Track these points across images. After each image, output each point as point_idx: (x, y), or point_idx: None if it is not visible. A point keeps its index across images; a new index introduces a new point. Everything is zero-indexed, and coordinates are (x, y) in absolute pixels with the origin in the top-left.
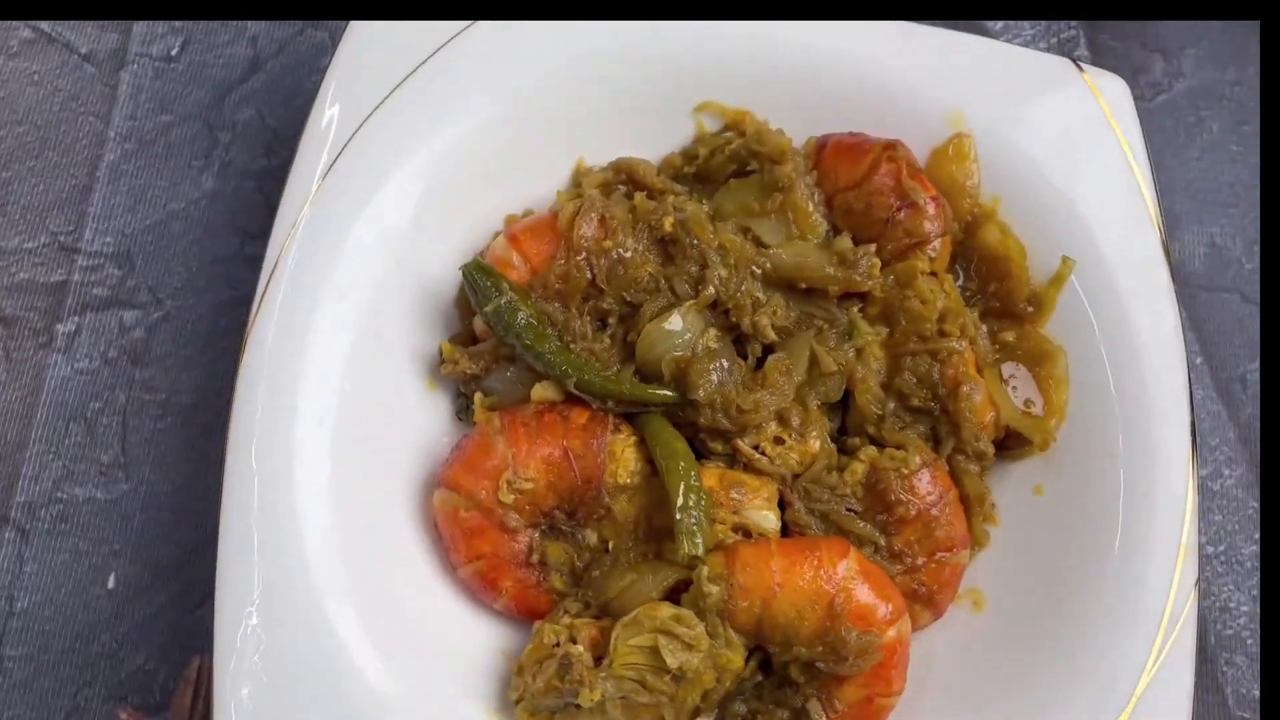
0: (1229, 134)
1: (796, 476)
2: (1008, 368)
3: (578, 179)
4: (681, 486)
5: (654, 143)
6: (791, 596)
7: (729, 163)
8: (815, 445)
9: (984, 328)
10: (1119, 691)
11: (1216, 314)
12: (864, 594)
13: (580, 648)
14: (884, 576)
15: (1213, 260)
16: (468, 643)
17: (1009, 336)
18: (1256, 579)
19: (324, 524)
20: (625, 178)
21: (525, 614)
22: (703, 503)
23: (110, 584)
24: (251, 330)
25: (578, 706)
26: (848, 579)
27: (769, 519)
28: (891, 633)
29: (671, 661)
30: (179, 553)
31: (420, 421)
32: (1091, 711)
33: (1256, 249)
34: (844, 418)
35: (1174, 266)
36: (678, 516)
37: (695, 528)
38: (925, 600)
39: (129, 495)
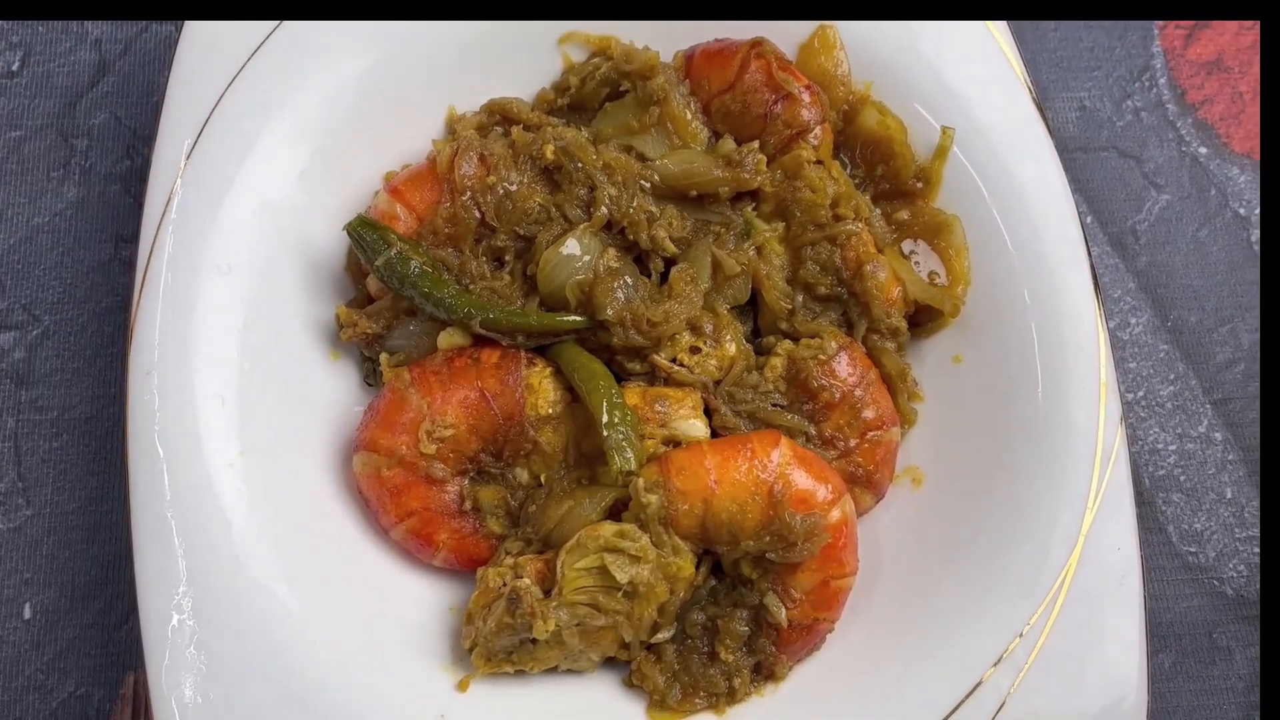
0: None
1: (718, 383)
2: (907, 245)
3: (451, 126)
4: (604, 404)
5: (524, 81)
6: (730, 492)
7: (601, 87)
8: (731, 349)
9: (878, 210)
10: (1065, 533)
11: (1098, 173)
12: (801, 478)
13: (527, 581)
14: (819, 460)
15: (1085, 122)
16: (412, 605)
17: (903, 215)
18: (1179, 419)
19: (242, 505)
20: (500, 118)
21: (467, 564)
22: (628, 418)
23: (27, 614)
24: (134, 321)
25: (534, 642)
26: (783, 466)
27: (697, 427)
28: (835, 513)
29: (621, 576)
30: (96, 569)
31: (328, 393)
32: (1042, 557)
33: (1125, 105)
34: (755, 319)
35: (1051, 129)
36: (604, 434)
37: (624, 443)
38: (864, 481)
39: (33, 520)
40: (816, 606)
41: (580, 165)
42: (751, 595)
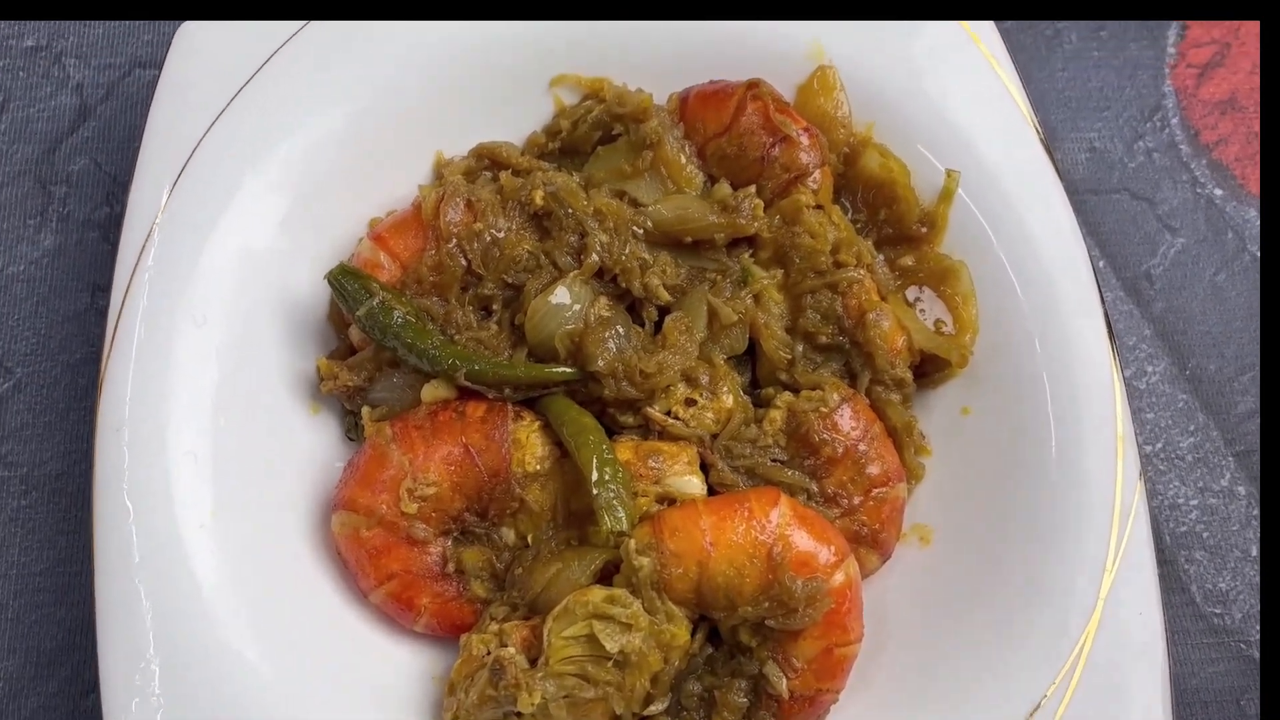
0: (1088, 42)
1: (715, 437)
2: (912, 293)
3: (439, 171)
4: (595, 460)
5: (514, 125)
6: (727, 554)
7: (593, 130)
8: (729, 401)
9: (880, 256)
10: (1083, 597)
11: (1109, 216)
12: (802, 540)
13: (512, 650)
14: (821, 520)
15: (1096, 164)
16: (392, 672)
17: (908, 260)
18: (1201, 472)
19: (213, 568)
20: (489, 162)
21: (449, 630)
22: (620, 475)
23: None
24: (105, 370)
25: (518, 715)
26: (783, 526)
27: (693, 484)
28: (839, 576)
29: (611, 646)
30: (62, 634)
31: (308, 447)
32: (1060, 624)
33: (1137, 146)
34: (754, 370)
35: (1060, 171)
36: (595, 492)
37: (615, 501)
38: (870, 541)
39: None
40: (819, 676)
41: (570, 211)
42: (750, 664)
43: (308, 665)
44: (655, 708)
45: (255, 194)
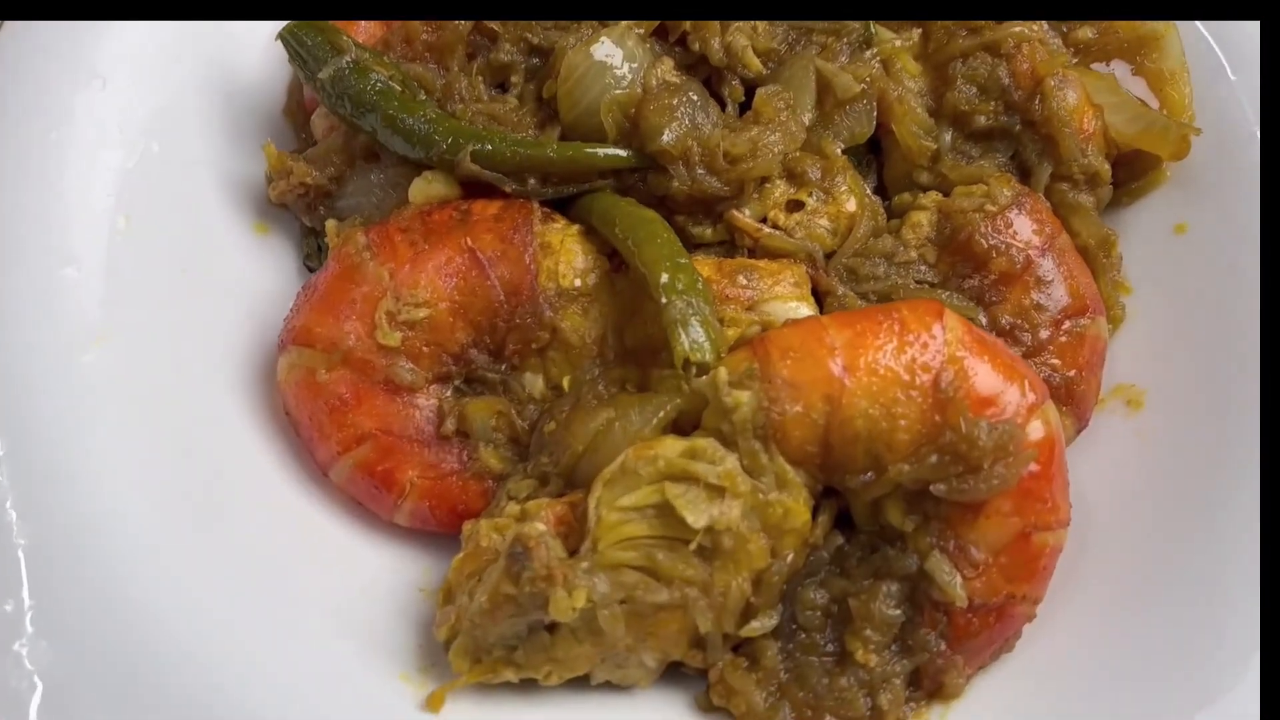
0: None
1: (831, 255)
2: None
3: None
4: (665, 261)
5: None
6: (870, 385)
7: None
8: (850, 204)
9: (1050, 31)
10: None
11: None
12: (983, 368)
13: (541, 527)
14: (1005, 349)
15: None
16: (361, 584)
17: (1087, 33)
18: None
19: (98, 413)
20: None
21: (446, 520)
22: (698, 285)
23: None
24: None
25: (550, 629)
26: (954, 345)
27: (804, 314)
28: (1036, 425)
29: (695, 518)
30: None
31: (250, 278)
32: None
33: None
34: (879, 172)
35: None
36: (663, 302)
37: (693, 318)
38: (1063, 395)
39: None
40: (1010, 575)
41: None
42: (905, 559)
43: (238, 576)
44: (759, 625)
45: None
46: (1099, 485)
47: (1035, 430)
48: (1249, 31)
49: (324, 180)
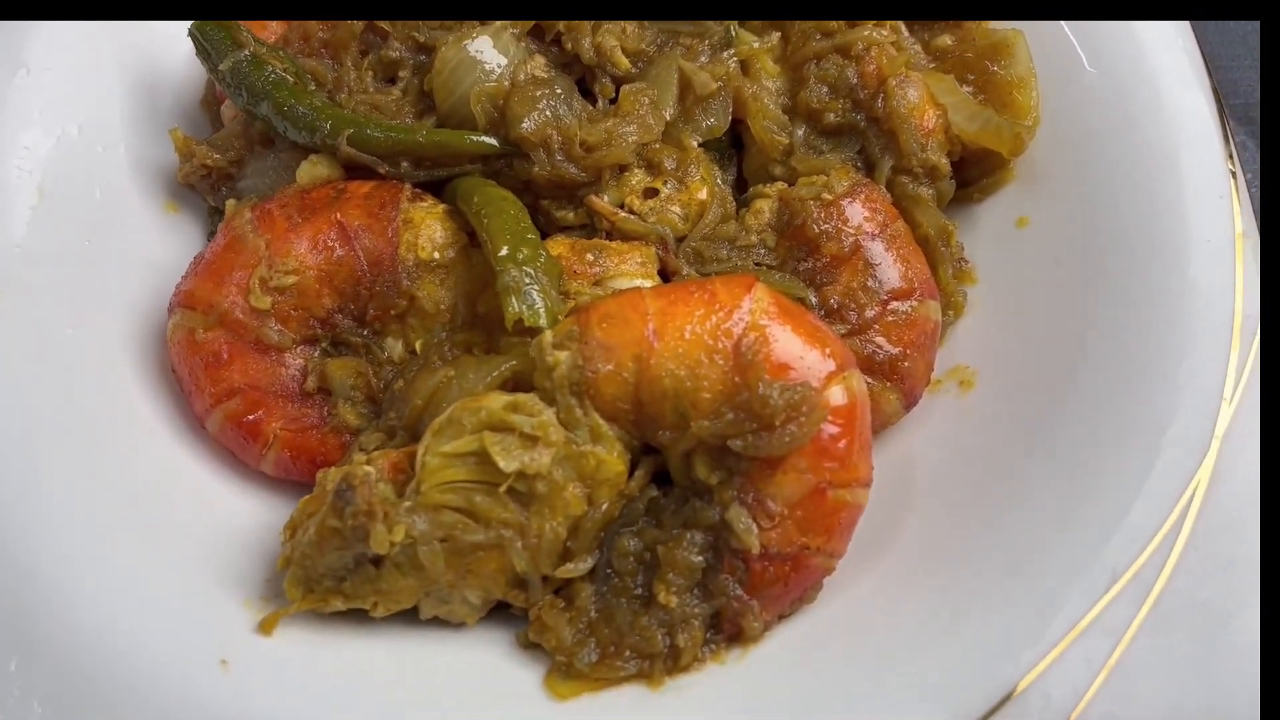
0: None
1: (681, 240)
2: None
3: None
4: (507, 234)
5: None
6: (676, 347)
7: None
8: (702, 192)
9: (910, 38)
10: (1191, 435)
11: (1215, 35)
12: (784, 335)
13: (369, 469)
14: (814, 318)
15: None
16: (222, 523)
17: (946, 40)
18: None
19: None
20: None
21: (306, 468)
22: (541, 259)
23: None
24: None
25: (375, 563)
26: (758, 314)
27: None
28: (837, 391)
29: (507, 464)
30: None
31: (157, 251)
32: (1154, 474)
33: None
34: (739, 166)
35: None
36: (499, 270)
37: (530, 287)
38: (887, 371)
39: None
40: (805, 527)
41: None
42: (709, 510)
43: (109, 509)
44: (574, 567)
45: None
46: (925, 456)
47: (836, 395)
48: (1111, 31)
49: (225, 163)
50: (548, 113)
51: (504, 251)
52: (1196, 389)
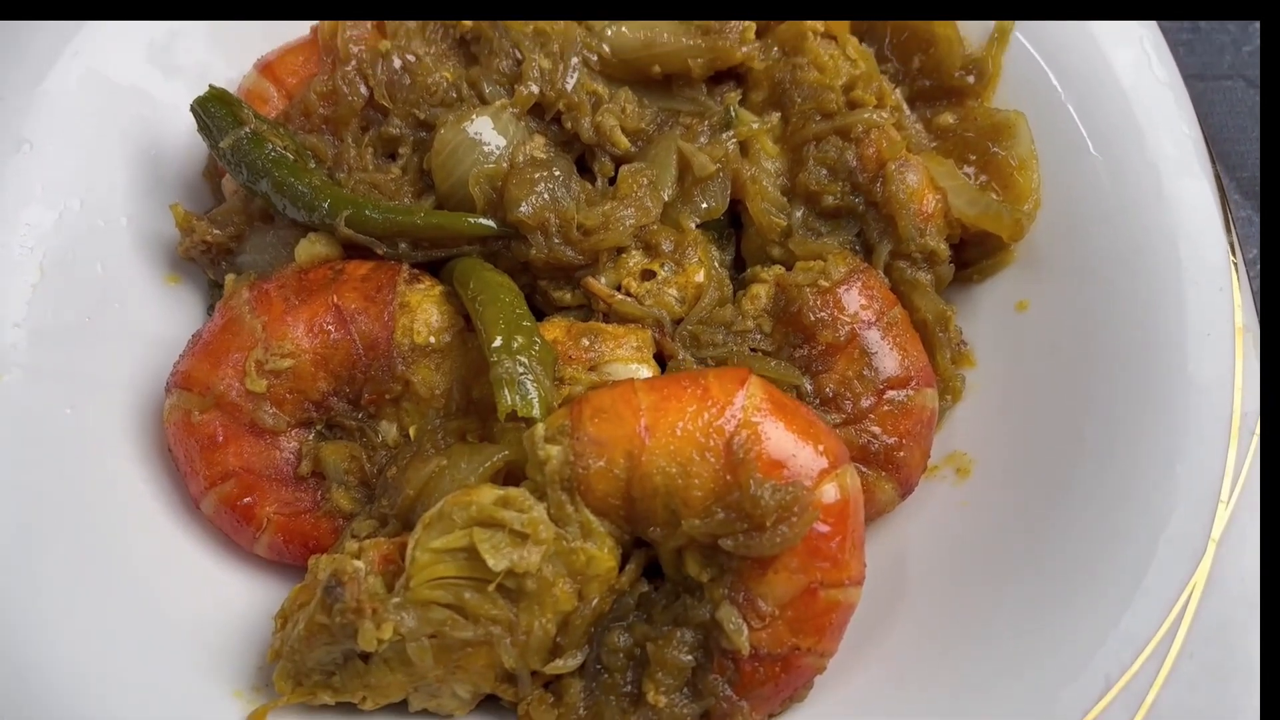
0: None
1: (678, 322)
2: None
3: None
4: (501, 322)
5: None
6: (668, 443)
7: None
8: (699, 275)
9: (913, 115)
10: (1187, 537)
11: (1219, 105)
12: (777, 433)
13: (358, 564)
14: (807, 412)
15: (1202, 45)
16: (216, 607)
17: (948, 119)
18: None
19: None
20: None
21: (300, 552)
22: (536, 347)
23: None
24: None
25: (364, 658)
26: (750, 412)
27: (642, 375)
28: (830, 489)
29: (496, 563)
30: None
31: (157, 323)
32: (1150, 576)
33: (1253, 26)
34: (738, 246)
35: None
36: (493, 360)
37: (523, 377)
38: (883, 461)
39: None
40: (796, 628)
41: (505, 31)
42: (700, 607)
43: (101, 587)
44: (563, 663)
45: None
46: (920, 548)
47: (828, 493)
48: (1113, 109)
49: (225, 238)
50: (545, 196)
51: (498, 342)
52: (1193, 490)
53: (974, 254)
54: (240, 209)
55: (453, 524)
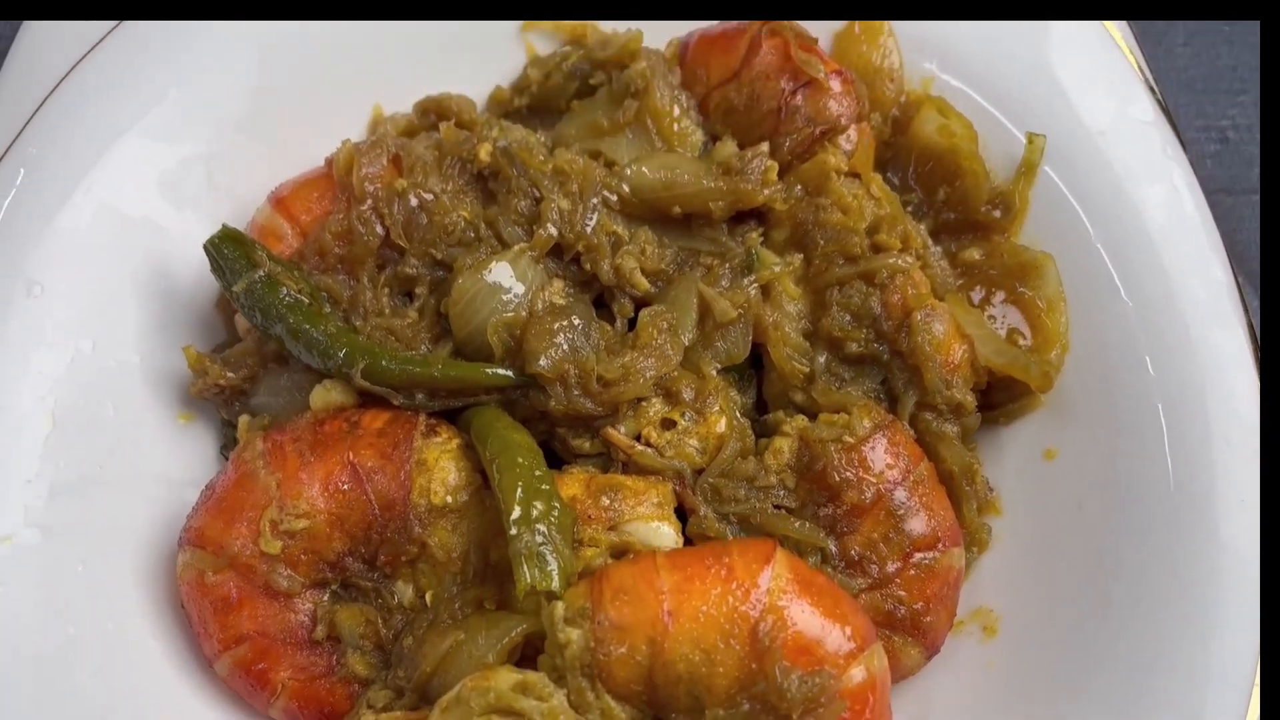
0: None
1: (700, 473)
2: (977, 296)
3: (374, 128)
4: (519, 487)
5: (476, 79)
6: (692, 630)
7: (569, 82)
8: (720, 424)
9: (938, 249)
10: (1219, 714)
11: (1248, 222)
12: (804, 616)
13: None
14: (835, 590)
15: (1229, 158)
16: None
17: (974, 254)
18: None
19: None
20: (435, 119)
21: (316, 718)
22: (556, 513)
23: None
24: None
25: None
26: (776, 595)
27: (663, 533)
28: (857, 672)
29: None
30: None
31: (169, 465)
32: None
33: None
34: (759, 389)
35: (1182, 141)
36: (512, 532)
37: (543, 549)
38: (909, 626)
39: None
40: None
41: (523, 170)
42: None
43: None
44: None
45: (132, 152)
46: (945, 709)
47: (855, 676)
48: (1146, 258)
49: (238, 380)
50: (565, 347)
51: (516, 513)
52: (1226, 674)
53: (1001, 397)
54: (254, 350)
55: (470, 711)
